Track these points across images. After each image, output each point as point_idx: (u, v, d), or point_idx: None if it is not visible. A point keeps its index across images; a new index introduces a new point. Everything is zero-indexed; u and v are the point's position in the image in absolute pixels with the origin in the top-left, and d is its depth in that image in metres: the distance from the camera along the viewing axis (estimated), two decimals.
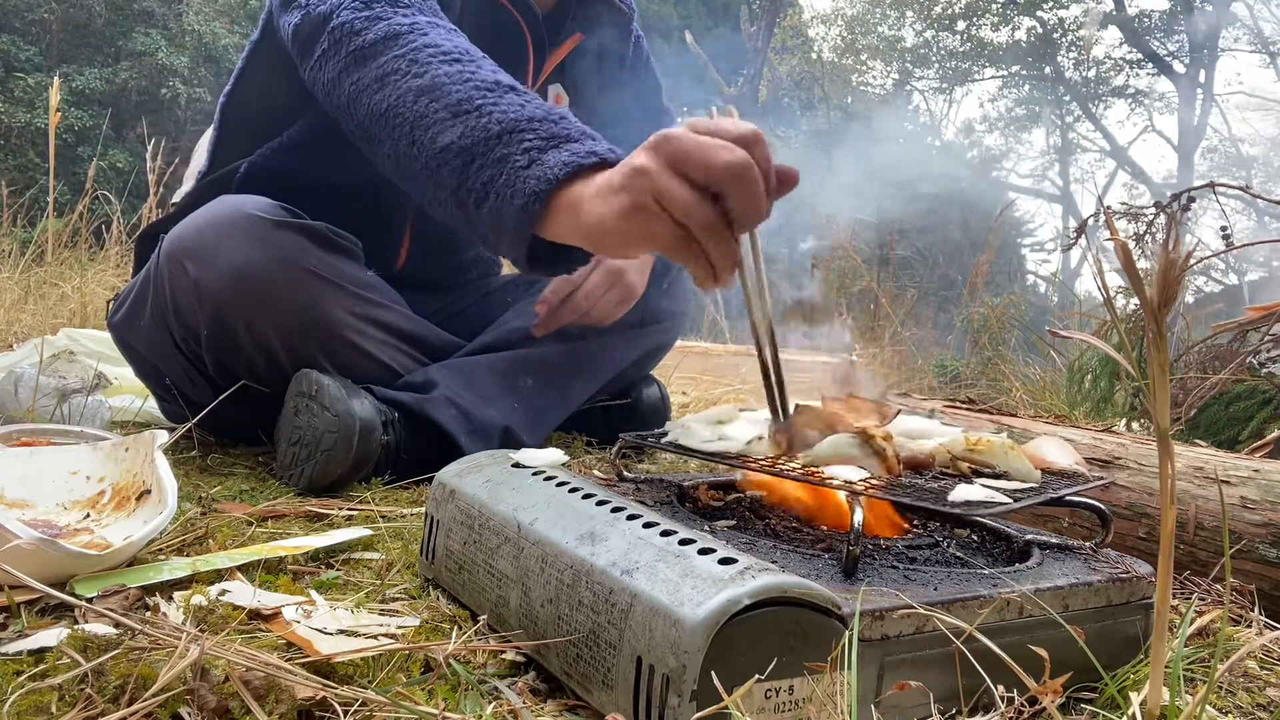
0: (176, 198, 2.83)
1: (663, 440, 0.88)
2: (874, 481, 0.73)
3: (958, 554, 0.77)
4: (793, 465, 0.77)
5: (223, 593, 0.72)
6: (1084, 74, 16.50)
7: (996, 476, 0.79)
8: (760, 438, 0.84)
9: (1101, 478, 0.85)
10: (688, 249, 0.76)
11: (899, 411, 0.87)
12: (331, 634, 0.67)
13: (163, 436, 0.98)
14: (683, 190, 0.74)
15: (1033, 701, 0.61)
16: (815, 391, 0.88)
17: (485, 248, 0.89)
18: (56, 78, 3.71)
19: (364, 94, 1.05)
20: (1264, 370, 1.85)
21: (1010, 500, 0.71)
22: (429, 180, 0.96)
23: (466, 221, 0.93)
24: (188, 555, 0.86)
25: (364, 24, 1.09)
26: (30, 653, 0.61)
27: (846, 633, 0.55)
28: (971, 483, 0.74)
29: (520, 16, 1.42)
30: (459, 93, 0.96)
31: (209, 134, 1.48)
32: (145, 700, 0.53)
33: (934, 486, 0.74)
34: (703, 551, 0.60)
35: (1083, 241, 2.40)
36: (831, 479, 0.72)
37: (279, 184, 1.34)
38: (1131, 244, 2.21)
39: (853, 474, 0.73)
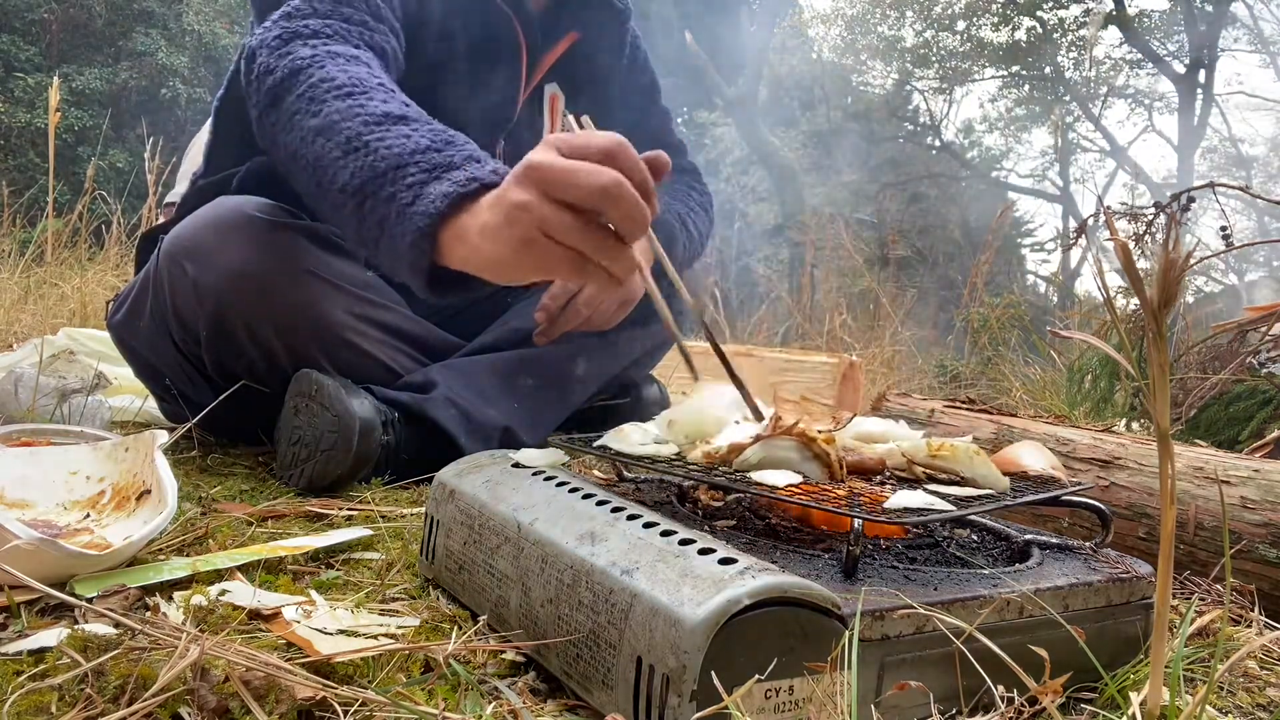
0: (170, 198, 2.83)
1: (594, 444, 0.87)
2: (804, 485, 0.71)
3: (958, 554, 0.77)
4: (728, 470, 0.75)
5: (223, 593, 0.72)
6: (1084, 74, 16.50)
7: (957, 483, 0.76)
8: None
9: (1079, 482, 0.83)
10: (585, 269, 0.79)
11: (852, 417, 0.85)
12: (331, 634, 0.67)
13: (163, 436, 0.98)
14: (564, 217, 0.76)
15: (1033, 701, 0.61)
16: (812, 392, 0.87)
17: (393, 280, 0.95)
18: (56, 78, 3.71)
19: (279, 135, 1.06)
20: (1264, 370, 1.85)
21: (951, 509, 0.68)
22: (337, 219, 0.99)
23: (374, 258, 0.96)
24: (188, 555, 0.86)
25: (275, 62, 1.08)
26: (30, 653, 0.61)
27: (846, 633, 0.55)
28: (916, 489, 0.72)
29: (513, 15, 1.42)
30: (348, 129, 0.96)
31: (202, 135, 1.48)
32: (145, 700, 0.53)
33: (874, 491, 0.72)
34: (703, 551, 0.60)
35: (1083, 241, 2.40)
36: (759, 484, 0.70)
37: (278, 184, 1.34)
38: (1131, 244, 2.21)
39: (783, 479, 0.71)
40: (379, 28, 1.19)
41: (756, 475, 0.72)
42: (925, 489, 0.72)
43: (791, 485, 0.71)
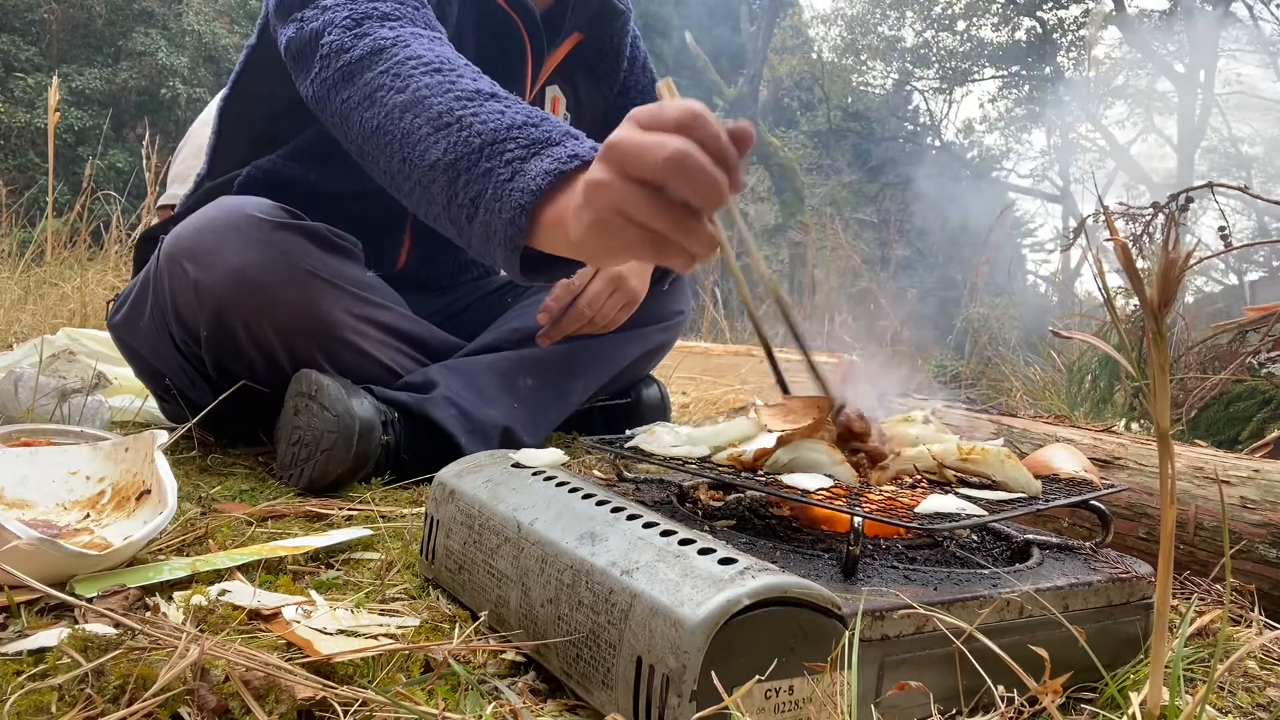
0: (164, 200, 2.83)
1: (626, 445, 0.87)
2: (835, 490, 0.71)
3: (958, 554, 0.77)
4: (756, 473, 0.75)
5: (223, 593, 0.72)
6: (1084, 74, 16.51)
7: (989, 486, 0.76)
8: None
9: (1113, 485, 0.83)
10: (664, 249, 0.74)
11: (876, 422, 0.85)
12: (331, 634, 0.67)
13: (163, 436, 0.98)
14: (638, 195, 0.71)
15: (1033, 701, 0.61)
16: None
17: (481, 260, 0.88)
18: (56, 78, 3.71)
19: (354, 112, 1.04)
20: (1264, 370, 1.85)
21: (984, 513, 0.68)
22: (422, 196, 0.97)
23: (460, 235, 0.94)
24: (188, 555, 0.86)
25: (352, 41, 1.07)
26: (30, 653, 0.61)
27: (846, 633, 0.55)
28: (947, 493, 0.72)
29: (518, 18, 1.42)
30: (440, 105, 0.94)
31: (190, 138, 1.48)
32: (145, 700, 0.53)
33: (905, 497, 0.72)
34: (702, 551, 0.60)
35: (1082, 241, 2.40)
36: (791, 487, 0.71)
37: (279, 187, 1.34)
38: (1131, 244, 2.21)
39: (814, 483, 0.71)
40: (428, 13, 1.18)
41: (787, 478, 0.72)
42: (957, 493, 0.72)
43: (823, 489, 0.70)
